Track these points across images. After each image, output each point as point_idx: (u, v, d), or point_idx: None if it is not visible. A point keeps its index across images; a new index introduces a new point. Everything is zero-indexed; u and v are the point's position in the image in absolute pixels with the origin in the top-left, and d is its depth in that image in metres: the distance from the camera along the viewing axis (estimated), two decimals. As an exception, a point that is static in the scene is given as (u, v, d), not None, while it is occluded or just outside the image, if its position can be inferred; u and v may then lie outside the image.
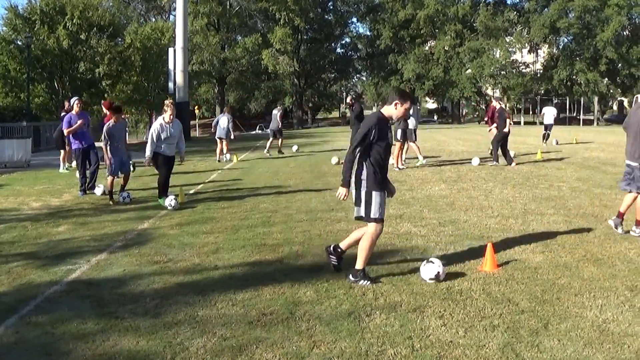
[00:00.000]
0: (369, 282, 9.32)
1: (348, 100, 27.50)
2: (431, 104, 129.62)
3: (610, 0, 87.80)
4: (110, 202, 17.20)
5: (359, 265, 9.45)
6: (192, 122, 55.05)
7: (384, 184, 9.52)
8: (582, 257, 10.90)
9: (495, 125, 26.90)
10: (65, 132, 19.59)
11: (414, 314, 8.07)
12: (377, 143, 9.21)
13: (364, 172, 9.26)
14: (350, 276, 9.45)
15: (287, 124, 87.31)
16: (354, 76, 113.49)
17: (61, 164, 26.02)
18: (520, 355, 6.84)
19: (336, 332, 7.48)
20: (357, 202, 9.43)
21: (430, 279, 9.35)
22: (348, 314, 8.06)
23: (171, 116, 16.76)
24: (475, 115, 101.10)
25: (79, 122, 18.82)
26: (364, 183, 9.26)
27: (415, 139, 24.94)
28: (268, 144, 34.71)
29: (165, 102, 17.15)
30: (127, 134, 19.84)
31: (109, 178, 17.37)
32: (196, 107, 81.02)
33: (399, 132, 23.44)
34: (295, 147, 36.15)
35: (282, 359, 6.78)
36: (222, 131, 30.74)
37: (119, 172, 17.65)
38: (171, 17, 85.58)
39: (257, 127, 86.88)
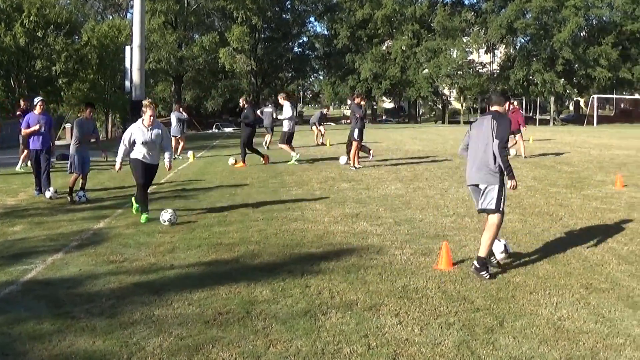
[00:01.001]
0: (488, 276, 9.59)
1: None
2: (388, 104, 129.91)
3: (568, 1, 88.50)
4: (69, 200, 17.01)
5: (482, 253, 9.73)
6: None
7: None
8: (537, 256, 10.97)
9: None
10: (23, 132, 19.28)
11: (370, 313, 8.09)
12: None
13: (497, 167, 9.82)
14: (476, 263, 9.71)
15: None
16: (311, 75, 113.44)
17: (20, 162, 25.72)
18: (475, 353, 6.86)
19: (292, 330, 7.48)
20: (489, 196, 9.86)
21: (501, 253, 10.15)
22: (304, 313, 8.06)
23: (151, 117, 14.28)
24: (432, 115, 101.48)
25: (36, 125, 18.43)
26: (499, 177, 9.80)
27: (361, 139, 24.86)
28: (268, 139, 36.17)
29: (143, 102, 15.01)
30: (97, 132, 19.49)
31: (73, 175, 17.20)
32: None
33: (356, 131, 23.39)
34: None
35: (239, 358, 6.78)
36: (173, 129, 30.65)
37: (81, 171, 17.39)
38: (128, 15, 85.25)
39: (214, 126, 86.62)
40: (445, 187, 18.92)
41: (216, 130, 78.36)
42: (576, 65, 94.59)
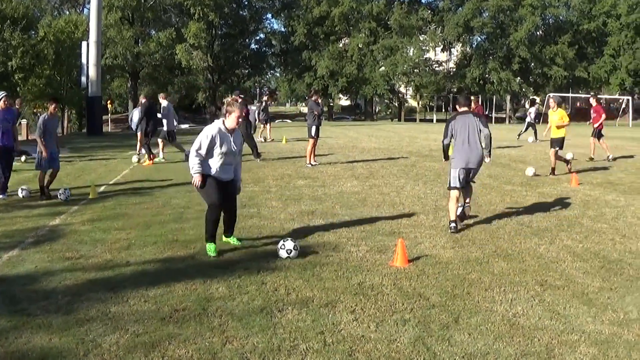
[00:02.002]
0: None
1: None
2: (344, 101, 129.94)
3: (525, 0, 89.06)
4: (44, 197, 16.87)
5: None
6: (104, 117, 54.49)
7: None
8: (492, 253, 11.06)
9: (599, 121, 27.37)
10: None
11: (326, 309, 8.10)
12: None
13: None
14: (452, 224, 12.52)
15: (201, 119, 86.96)
16: (268, 72, 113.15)
17: None
18: (431, 349, 6.89)
19: (248, 327, 7.48)
20: (476, 172, 13.61)
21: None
22: (260, 310, 8.07)
23: (238, 119, 11.04)
24: (388, 113, 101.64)
25: None
26: None
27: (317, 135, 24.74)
28: (268, 131, 37.75)
29: (227, 100, 11.72)
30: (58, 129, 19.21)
31: (40, 173, 17.03)
32: (109, 102, 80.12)
33: (313, 128, 23.35)
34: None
35: (195, 355, 6.77)
36: (134, 125, 30.56)
37: (49, 168, 17.19)
38: (85, 10, 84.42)
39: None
40: (401, 185, 18.98)
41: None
42: (532, 64, 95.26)
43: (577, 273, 9.88)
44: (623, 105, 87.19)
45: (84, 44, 48.60)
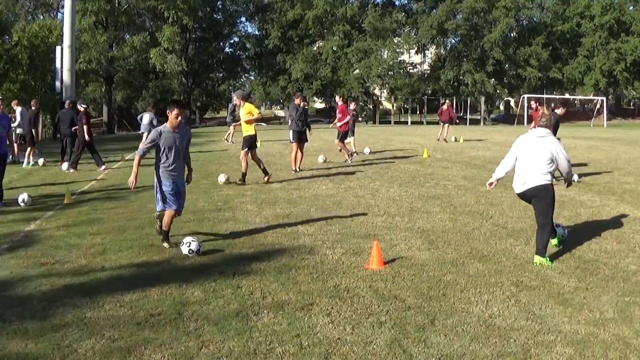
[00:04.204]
0: None
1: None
2: (319, 104, 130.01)
3: (499, 2, 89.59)
4: None
5: None
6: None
7: None
8: (468, 254, 11.09)
9: None
10: None
11: (302, 312, 8.11)
12: None
13: None
14: None
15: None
16: (242, 75, 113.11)
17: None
18: (407, 351, 6.90)
19: (224, 331, 7.49)
20: None
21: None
22: (236, 314, 8.07)
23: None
24: (363, 115, 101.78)
25: None
26: None
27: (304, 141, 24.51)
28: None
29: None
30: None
31: None
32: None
33: (291, 133, 22.96)
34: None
35: None
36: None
37: None
38: (59, 14, 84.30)
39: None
40: (376, 187, 18.98)
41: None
42: (507, 66, 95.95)
43: (552, 273, 9.92)
44: (598, 106, 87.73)
45: (58, 48, 48.43)
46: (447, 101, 42.48)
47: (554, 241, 11.91)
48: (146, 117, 32.08)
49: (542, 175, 10.83)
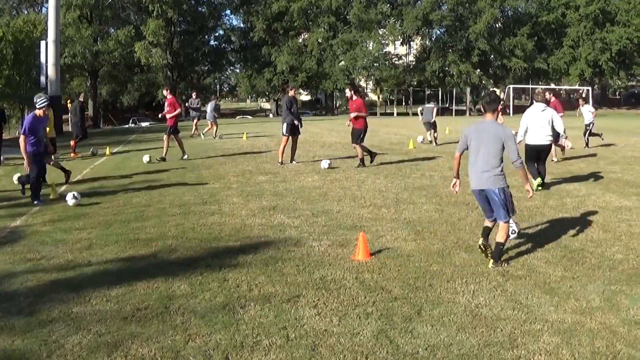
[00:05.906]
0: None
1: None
2: (305, 96, 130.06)
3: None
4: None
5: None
6: (64, 117, 54.07)
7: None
8: (454, 244, 11.09)
9: None
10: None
11: (288, 304, 8.08)
12: None
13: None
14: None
15: (162, 116, 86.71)
16: (228, 68, 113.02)
17: None
18: (394, 342, 6.88)
19: (211, 324, 7.45)
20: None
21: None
22: (222, 307, 8.04)
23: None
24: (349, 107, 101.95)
25: None
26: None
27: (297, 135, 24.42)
28: (215, 129, 38.38)
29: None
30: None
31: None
32: (68, 101, 79.62)
33: (284, 126, 22.87)
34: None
35: (158, 354, 6.72)
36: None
37: None
38: (43, 9, 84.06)
39: (130, 121, 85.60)
40: (362, 179, 18.98)
41: (132, 125, 77.58)
42: (492, 56, 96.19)
43: (539, 263, 9.92)
44: (583, 96, 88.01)
45: (42, 43, 48.21)
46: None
47: (537, 181, 16.59)
48: (210, 105, 37.03)
49: (547, 137, 16.89)
